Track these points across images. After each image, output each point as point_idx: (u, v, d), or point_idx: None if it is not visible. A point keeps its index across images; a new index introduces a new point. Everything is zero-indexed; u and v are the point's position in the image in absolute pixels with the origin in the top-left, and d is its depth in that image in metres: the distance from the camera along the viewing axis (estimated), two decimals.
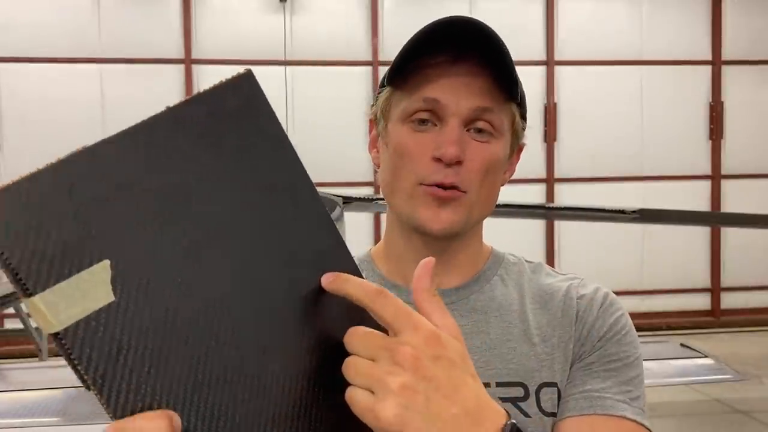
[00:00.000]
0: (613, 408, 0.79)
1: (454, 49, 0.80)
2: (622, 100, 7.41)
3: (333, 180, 6.26)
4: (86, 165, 0.45)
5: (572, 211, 4.90)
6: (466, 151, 0.79)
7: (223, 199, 0.50)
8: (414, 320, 0.52)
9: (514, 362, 0.82)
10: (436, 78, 0.80)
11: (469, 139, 0.80)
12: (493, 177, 0.83)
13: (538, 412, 0.81)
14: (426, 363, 0.50)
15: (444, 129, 0.79)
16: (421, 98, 0.80)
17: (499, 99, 0.81)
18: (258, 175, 0.52)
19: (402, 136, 0.82)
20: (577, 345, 0.84)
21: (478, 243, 0.90)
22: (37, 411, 3.06)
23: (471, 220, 0.83)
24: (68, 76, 6.63)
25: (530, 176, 7.20)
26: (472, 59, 0.80)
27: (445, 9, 7.06)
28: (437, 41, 0.79)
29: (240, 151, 0.52)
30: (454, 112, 0.79)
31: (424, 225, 0.81)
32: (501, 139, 0.83)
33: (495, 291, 0.88)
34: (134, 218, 0.46)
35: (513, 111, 0.85)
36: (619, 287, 6.88)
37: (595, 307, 0.85)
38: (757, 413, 4.77)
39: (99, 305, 0.44)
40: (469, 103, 0.79)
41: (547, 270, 0.92)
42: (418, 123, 0.81)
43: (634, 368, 0.83)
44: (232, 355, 0.49)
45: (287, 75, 6.79)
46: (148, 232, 0.47)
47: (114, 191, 0.46)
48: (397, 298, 0.53)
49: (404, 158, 0.81)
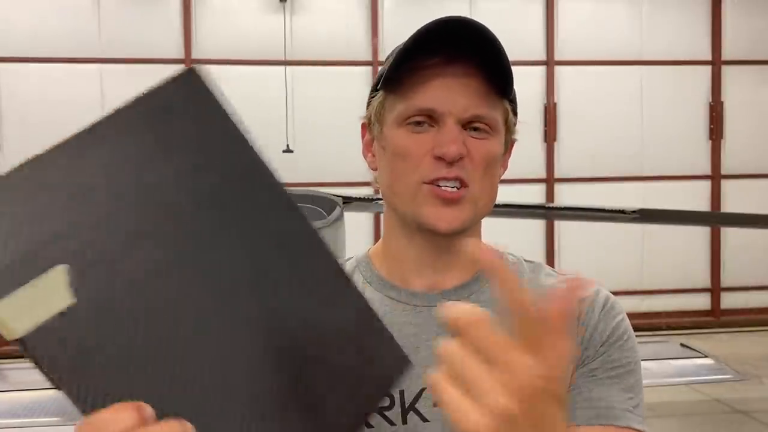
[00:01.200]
0: (620, 419, 0.80)
1: (449, 50, 0.80)
2: (622, 100, 7.41)
3: (333, 180, 6.26)
4: (36, 173, 0.47)
5: (572, 211, 4.90)
6: (467, 147, 0.80)
7: (175, 197, 0.50)
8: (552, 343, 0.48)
9: None
10: (430, 81, 0.80)
11: (467, 136, 0.81)
12: (492, 172, 0.84)
13: None
14: (538, 400, 0.47)
15: (442, 129, 0.80)
16: (417, 106, 0.81)
17: (493, 98, 0.82)
18: (210, 169, 0.52)
19: (400, 138, 0.82)
20: (579, 349, 0.84)
21: None
22: (37, 411, 3.06)
23: (476, 216, 0.84)
24: (68, 76, 6.63)
25: (530, 176, 7.20)
26: (467, 59, 0.80)
27: (445, 9, 7.06)
28: (431, 43, 0.79)
29: (188, 148, 0.51)
30: (451, 116, 0.80)
31: (430, 224, 0.81)
32: (497, 136, 0.84)
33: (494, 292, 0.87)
34: (87, 223, 0.47)
35: (506, 107, 0.85)
36: (619, 287, 6.88)
37: (596, 310, 0.85)
38: (757, 413, 4.77)
39: (58, 309, 0.45)
40: (464, 107, 0.80)
41: (546, 270, 0.92)
42: (415, 125, 0.81)
43: (635, 373, 0.84)
44: (195, 353, 0.49)
45: (287, 75, 6.79)
46: (102, 235, 0.47)
47: (66, 197, 0.47)
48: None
49: (405, 159, 0.82)
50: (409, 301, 0.86)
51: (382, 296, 0.87)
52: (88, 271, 0.46)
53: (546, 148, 7.33)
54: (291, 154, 6.49)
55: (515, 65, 0.81)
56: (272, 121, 6.66)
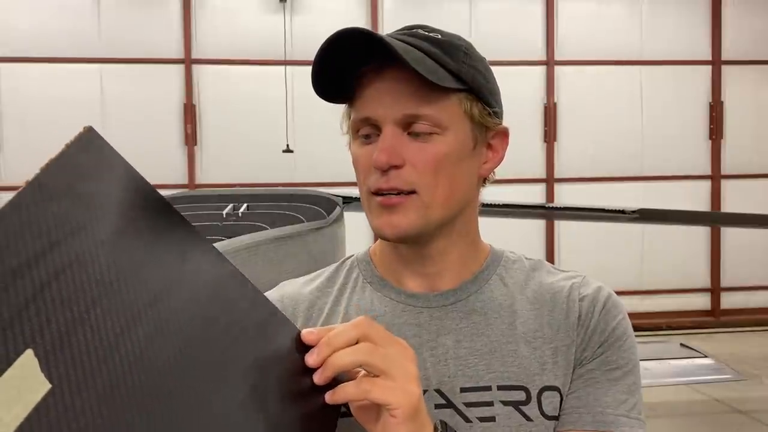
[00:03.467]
0: (614, 424, 0.80)
1: (381, 56, 0.78)
2: (622, 100, 7.42)
3: (333, 180, 6.26)
4: None
5: (572, 211, 4.91)
6: (406, 153, 0.78)
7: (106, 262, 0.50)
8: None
9: (515, 365, 0.81)
10: (365, 89, 0.80)
11: (409, 141, 0.79)
12: (448, 173, 0.80)
13: (539, 415, 0.80)
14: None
15: (380, 138, 0.80)
16: (358, 117, 0.81)
17: (430, 95, 0.78)
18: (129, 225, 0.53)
19: (354, 150, 0.84)
20: (579, 349, 0.83)
21: (468, 242, 0.88)
22: None
23: (431, 220, 0.81)
24: (68, 76, 6.63)
25: (530, 176, 7.20)
26: (398, 62, 0.77)
27: (444, 9, 7.08)
28: (363, 49, 0.78)
29: (107, 206, 0.52)
30: (386, 121, 0.79)
31: (379, 232, 0.82)
32: (447, 134, 0.80)
33: (494, 291, 0.87)
34: (35, 300, 0.45)
35: (460, 100, 0.81)
36: (619, 287, 6.88)
37: (596, 309, 0.85)
38: (757, 413, 4.77)
39: (39, 396, 0.43)
40: (396, 111, 0.78)
41: (547, 267, 0.91)
42: (364, 138, 0.82)
43: (633, 374, 0.84)
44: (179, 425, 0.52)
45: (287, 75, 6.79)
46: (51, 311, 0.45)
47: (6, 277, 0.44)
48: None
49: (358, 171, 0.83)
50: (408, 302, 0.86)
51: (382, 296, 0.87)
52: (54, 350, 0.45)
53: (546, 148, 7.34)
54: (291, 154, 6.49)
55: (515, 65, 0.80)
56: (272, 121, 6.66)
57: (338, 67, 0.80)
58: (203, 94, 6.89)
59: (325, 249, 3.15)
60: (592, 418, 0.80)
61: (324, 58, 0.79)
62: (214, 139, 6.92)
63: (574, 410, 0.81)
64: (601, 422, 0.80)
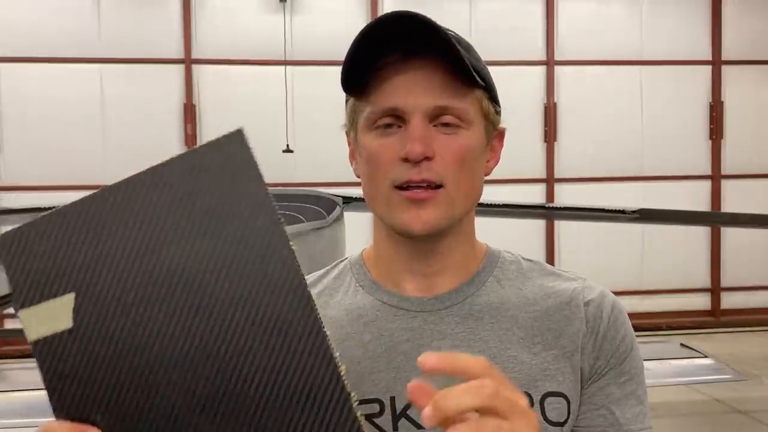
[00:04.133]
0: None
1: (405, 46, 0.77)
2: (622, 100, 7.41)
3: (333, 180, 6.26)
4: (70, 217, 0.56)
5: (572, 211, 4.91)
6: (435, 145, 0.77)
7: (187, 257, 0.55)
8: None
9: (516, 371, 0.80)
10: (390, 79, 0.78)
11: (437, 133, 0.78)
12: (471, 167, 0.80)
13: (542, 421, 0.79)
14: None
15: (408, 128, 0.77)
16: (380, 108, 0.78)
17: (460, 88, 0.78)
18: (227, 238, 0.55)
19: (370, 143, 0.80)
20: (591, 357, 0.82)
21: (469, 242, 0.87)
22: (37, 411, 3.05)
23: (455, 215, 0.80)
24: (68, 76, 6.63)
25: (530, 176, 7.20)
26: (424, 53, 0.77)
27: (444, 8, 7.07)
28: (384, 40, 0.77)
29: (212, 212, 0.55)
30: (415, 112, 0.77)
31: (405, 227, 0.79)
32: (471, 128, 0.80)
33: (491, 295, 0.85)
34: (103, 264, 0.55)
35: (479, 97, 0.81)
36: (619, 287, 6.88)
37: (605, 316, 0.83)
38: (757, 413, 4.77)
39: (60, 329, 0.54)
40: (428, 101, 0.77)
41: (545, 268, 0.89)
42: (384, 128, 0.79)
43: (643, 382, 0.85)
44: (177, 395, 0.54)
45: (287, 75, 6.79)
46: (113, 276, 0.55)
47: (88, 240, 0.55)
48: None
49: (376, 165, 0.80)
50: (401, 306, 0.84)
51: (374, 300, 0.85)
52: (91, 304, 0.55)
53: (546, 148, 7.33)
54: (291, 154, 6.49)
55: (515, 65, 0.80)
56: (272, 121, 6.66)
57: (363, 55, 0.77)
58: (203, 94, 6.89)
59: (324, 249, 3.15)
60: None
61: (361, 45, 0.77)
62: None
63: (594, 428, 0.82)
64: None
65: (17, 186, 6.48)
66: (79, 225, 0.55)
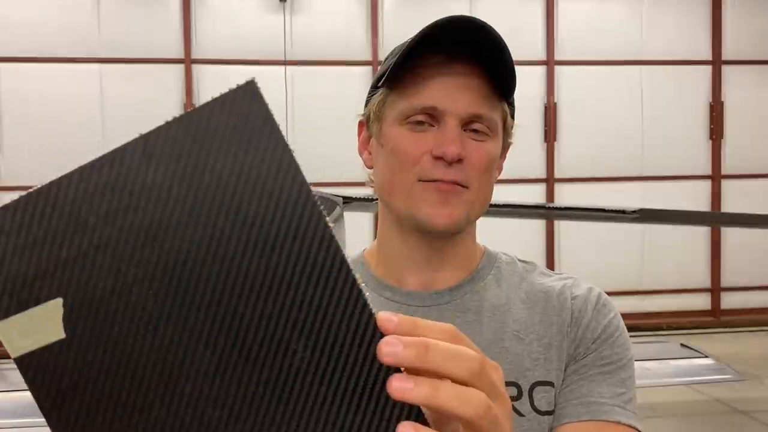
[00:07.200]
0: (609, 413, 0.80)
1: (452, 49, 0.80)
2: (622, 100, 7.41)
3: (333, 180, 6.26)
4: (47, 202, 0.43)
5: (572, 211, 4.90)
6: (466, 149, 0.81)
7: (196, 240, 0.44)
8: None
9: (507, 362, 0.82)
10: (432, 79, 0.80)
11: (467, 138, 0.81)
12: (490, 175, 0.85)
13: (531, 410, 0.81)
14: None
15: (443, 129, 0.80)
16: (419, 105, 0.81)
17: (493, 99, 0.82)
18: (245, 212, 0.44)
19: (400, 136, 0.82)
20: (572, 346, 0.84)
21: (472, 242, 0.91)
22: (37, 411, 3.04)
23: (471, 217, 0.84)
24: (68, 75, 6.63)
25: (530, 176, 7.20)
26: (469, 58, 0.80)
27: (445, 8, 7.06)
28: (434, 42, 0.79)
29: (227, 187, 0.44)
30: (452, 115, 0.80)
31: (427, 221, 0.81)
32: (495, 139, 0.84)
33: (488, 291, 0.88)
34: (94, 259, 0.44)
35: (505, 110, 0.86)
36: (619, 287, 6.88)
37: (589, 308, 0.86)
38: (757, 413, 4.77)
39: (48, 341, 0.44)
40: (465, 107, 0.80)
41: (540, 269, 0.93)
42: (416, 124, 0.82)
43: (627, 369, 0.85)
44: (185, 409, 0.45)
45: (287, 75, 6.79)
46: (107, 273, 0.44)
47: (73, 230, 0.43)
48: None
49: (403, 158, 0.82)
50: (403, 301, 0.87)
51: (377, 296, 0.87)
52: (84, 309, 0.44)
53: (546, 148, 7.33)
54: None
55: (515, 65, 0.81)
56: None
57: (413, 53, 0.80)
58: (203, 94, 6.88)
59: None
60: (586, 409, 0.81)
61: (419, 43, 0.79)
62: None
63: (568, 402, 0.82)
64: (595, 411, 0.80)
65: (17, 186, 6.48)
66: (59, 212, 0.43)
